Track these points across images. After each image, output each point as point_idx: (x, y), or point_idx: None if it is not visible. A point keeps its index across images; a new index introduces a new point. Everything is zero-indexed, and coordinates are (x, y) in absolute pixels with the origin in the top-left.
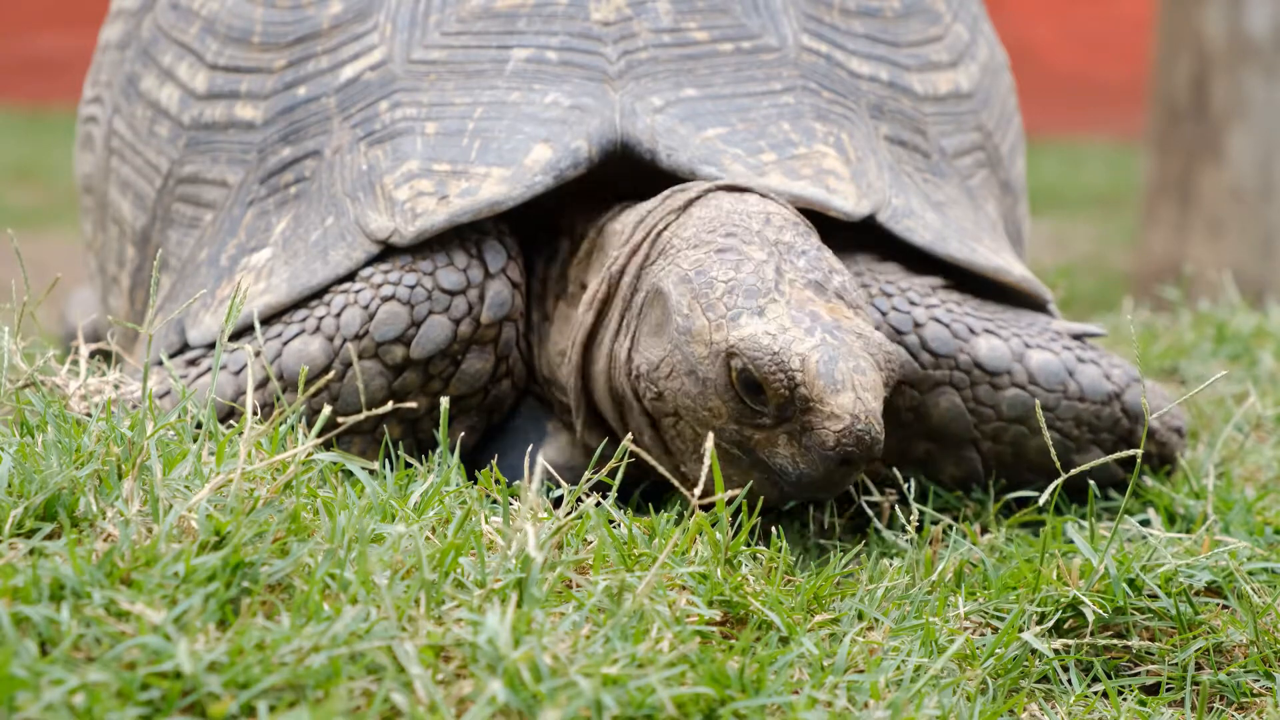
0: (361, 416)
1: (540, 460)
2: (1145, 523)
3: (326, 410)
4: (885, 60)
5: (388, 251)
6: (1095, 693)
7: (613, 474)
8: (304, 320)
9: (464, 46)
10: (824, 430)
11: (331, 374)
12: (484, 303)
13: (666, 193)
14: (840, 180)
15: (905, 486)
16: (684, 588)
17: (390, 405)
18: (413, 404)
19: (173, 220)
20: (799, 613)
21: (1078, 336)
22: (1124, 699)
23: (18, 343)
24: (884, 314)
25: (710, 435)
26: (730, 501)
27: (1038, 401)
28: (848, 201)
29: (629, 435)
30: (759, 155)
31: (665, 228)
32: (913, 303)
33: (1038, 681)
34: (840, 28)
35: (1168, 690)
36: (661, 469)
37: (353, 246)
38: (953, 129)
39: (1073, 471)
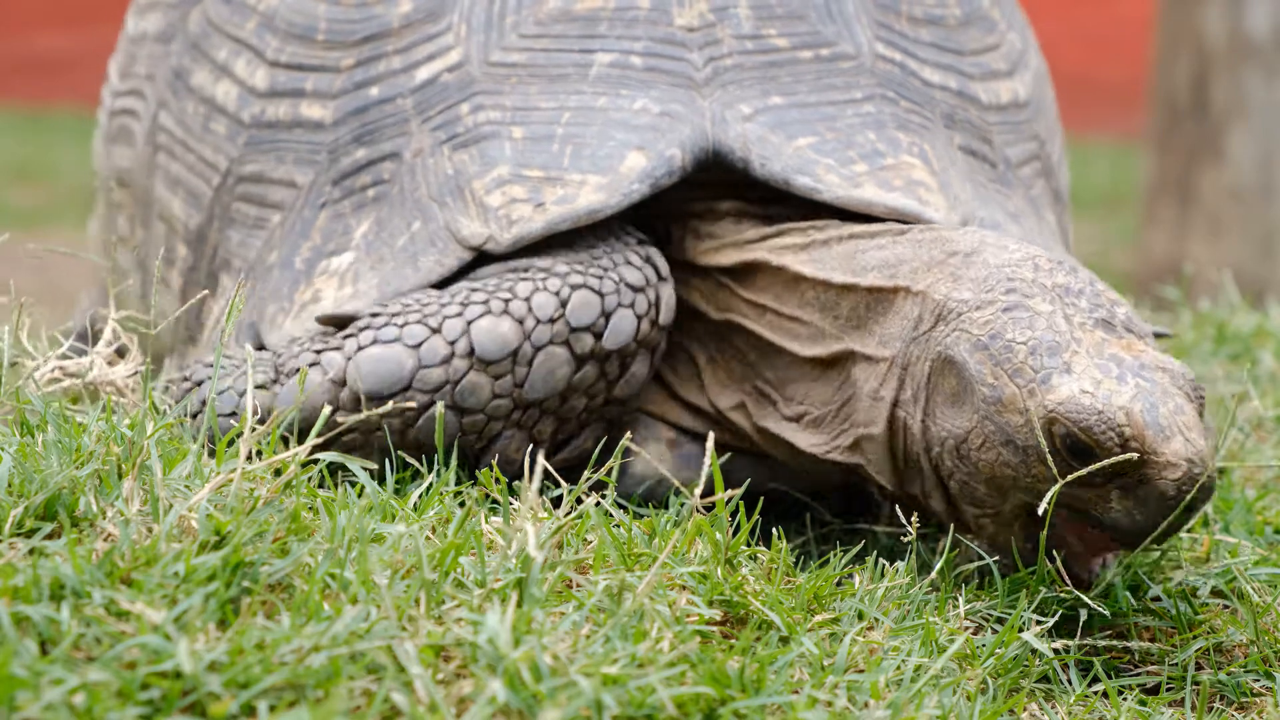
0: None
1: (540, 460)
2: None
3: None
4: (953, 69)
5: (481, 259)
6: (1095, 693)
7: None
8: (485, 302)
9: (544, 49)
10: (1162, 481)
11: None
12: (660, 305)
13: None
14: (930, 192)
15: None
16: (684, 588)
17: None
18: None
19: (233, 220)
20: (799, 613)
21: None
22: (1124, 699)
23: (30, 341)
24: None
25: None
26: (729, 502)
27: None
28: (939, 213)
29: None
30: (851, 166)
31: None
32: None
33: (1038, 681)
34: (909, 35)
35: (1168, 690)
36: (671, 477)
37: (444, 253)
38: (1014, 138)
39: (1071, 476)
